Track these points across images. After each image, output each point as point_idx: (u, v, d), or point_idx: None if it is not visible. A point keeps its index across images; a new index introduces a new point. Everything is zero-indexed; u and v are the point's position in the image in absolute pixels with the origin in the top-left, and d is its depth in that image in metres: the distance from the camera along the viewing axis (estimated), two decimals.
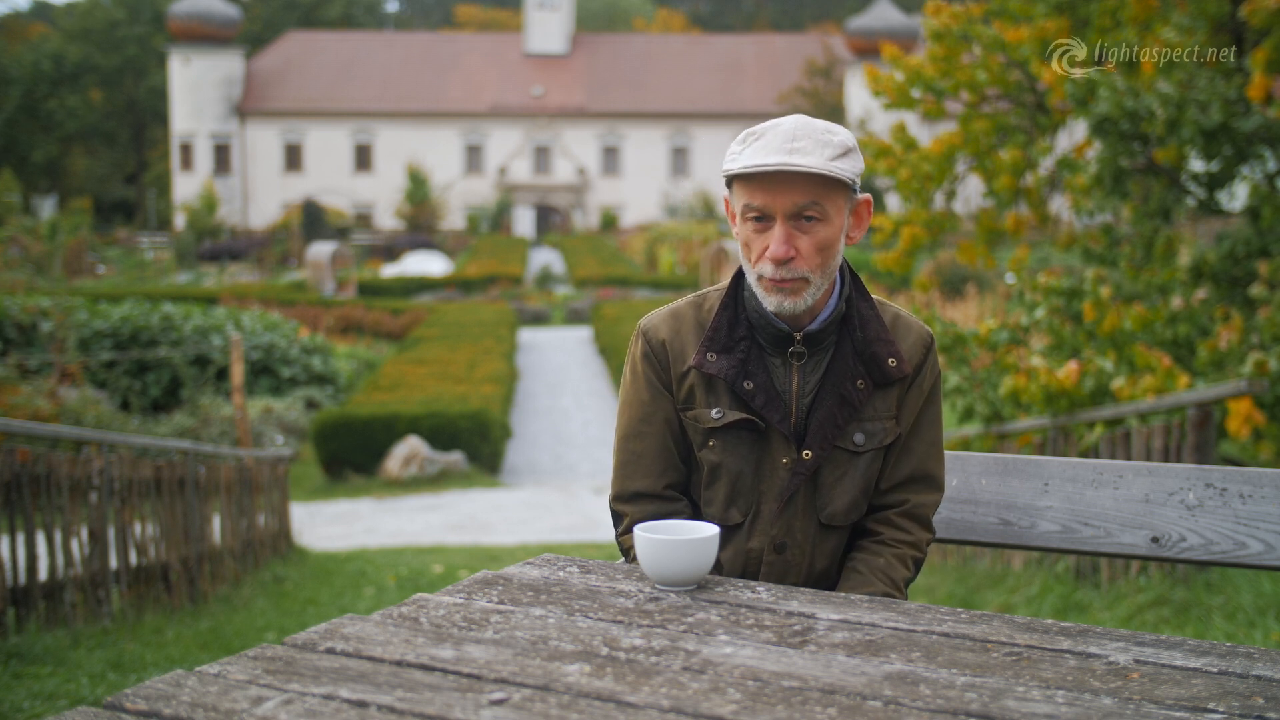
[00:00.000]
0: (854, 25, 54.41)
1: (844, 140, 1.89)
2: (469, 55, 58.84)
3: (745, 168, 1.86)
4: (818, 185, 1.87)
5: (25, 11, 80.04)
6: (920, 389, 2.02)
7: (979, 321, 17.67)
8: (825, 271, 1.92)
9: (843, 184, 1.89)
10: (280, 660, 1.38)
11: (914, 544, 2.02)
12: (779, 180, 1.86)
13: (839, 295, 1.99)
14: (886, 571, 1.98)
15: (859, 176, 1.91)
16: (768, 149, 1.86)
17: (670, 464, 2.03)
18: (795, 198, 1.86)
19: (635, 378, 2.05)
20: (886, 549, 2.00)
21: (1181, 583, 5.35)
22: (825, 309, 1.98)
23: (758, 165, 1.84)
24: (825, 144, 1.87)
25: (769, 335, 1.97)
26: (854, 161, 1.90)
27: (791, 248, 1.88)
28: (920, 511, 2.03)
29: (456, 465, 14.85)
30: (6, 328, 15.50)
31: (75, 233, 36.35)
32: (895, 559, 2.00)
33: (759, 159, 1.85)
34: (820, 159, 1.84)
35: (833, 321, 1.97)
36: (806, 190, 1.86)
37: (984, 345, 8.19)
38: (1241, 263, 7.94)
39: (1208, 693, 1.35)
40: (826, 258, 1.91)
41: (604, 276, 34.15)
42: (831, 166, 1.84)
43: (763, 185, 1.87)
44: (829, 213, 1.89)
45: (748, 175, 1.88)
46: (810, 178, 1.86)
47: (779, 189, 1.86)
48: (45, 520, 5.68)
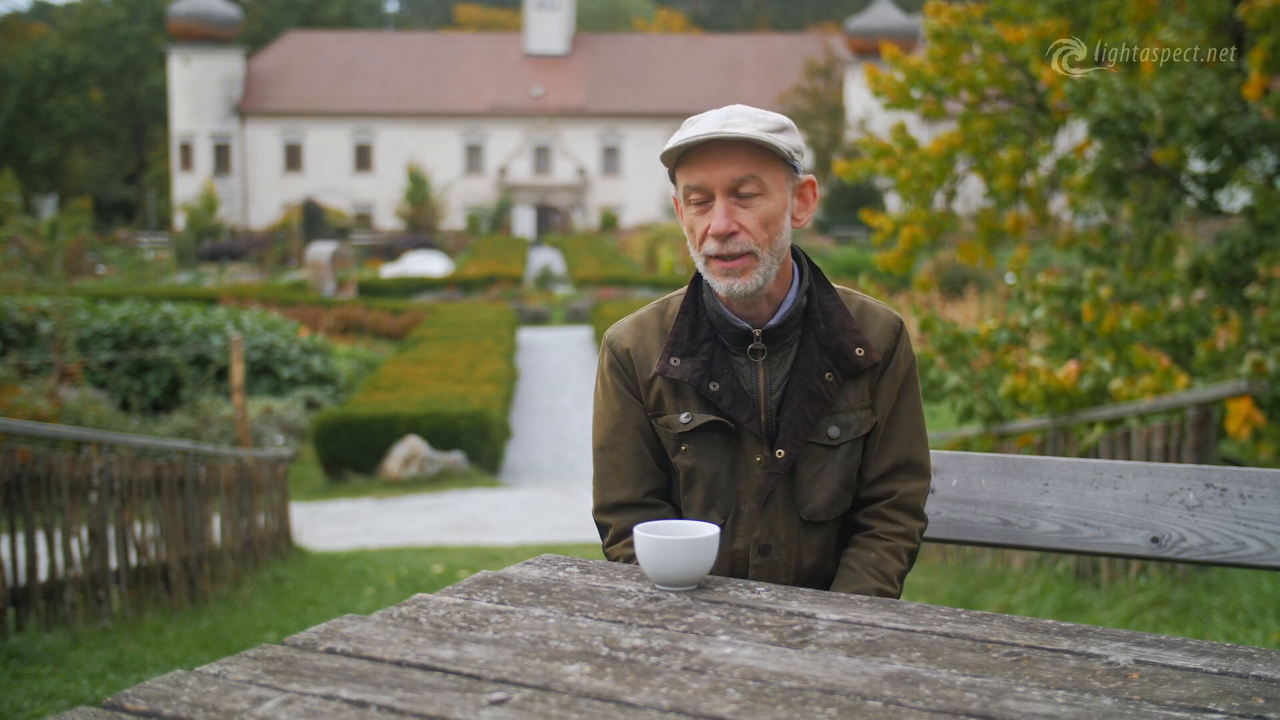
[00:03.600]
0: (854, 25, 54.43)
1: (779, 119, 1.90)
2: (469, 55, 58.84)
3: (677, 142, 1.88)
4: (754, 158, 1.87)
5: (25, 11, 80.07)
6: (894, 375, 2.00)
7: (979, 321, 17.67)
8: (772, 249, 1.91)
9: (780, 159, 1.89)
10: (280, 660, 1.38)
11: (906, 534, 2.01)
12: (714, 154, 1.87)
13: (798, 288, 1.98)
14: (879, 566, 1.97)
15: (798, 154, 1.91)
16: (703, 127, 1.88)
17: (648, 471, 2.03)
18: (732, 170, 1.87)
19: (605, 389, 2.05)
20: (878, 543, 2.00)
21: (1181, 583, 5.35)
22: (785, 303, 1.97)
23: (691, 137, 1.86)
24: (759, 119, 1.88)
25: (730, 335, 1.97)
26: (790, 137, 1.90)
27: (733, 222, 1.88)
28: (909, 501, 2.02)
29: (456, 465, 14.85)
30: (6, 328, 15.50)
31: (75, 233, 36.33)
32: (888, 552, 1.99)
33: (691, 133, 1.87)
34: (753, 129, 1.85)
35: (793, 315, 1.97)
36: (742, 163, 1.87)
37: (984, 345, 8.19)
38: (1240, 263, 7.94)
39: (1208, 693, 1.35)
40: (772, 234, 1.90)
41: (604, 276, 34.14)
42: (764, 135, 1.85)
43: (699, 163, 1.88)
44: (768, 186, 1.89)
45: (687, 158, 1.89)
46: (746, 150, 1.86)
47: (715, 163, 1.87)
48: (45, 520, 5.68)
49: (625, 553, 2.02)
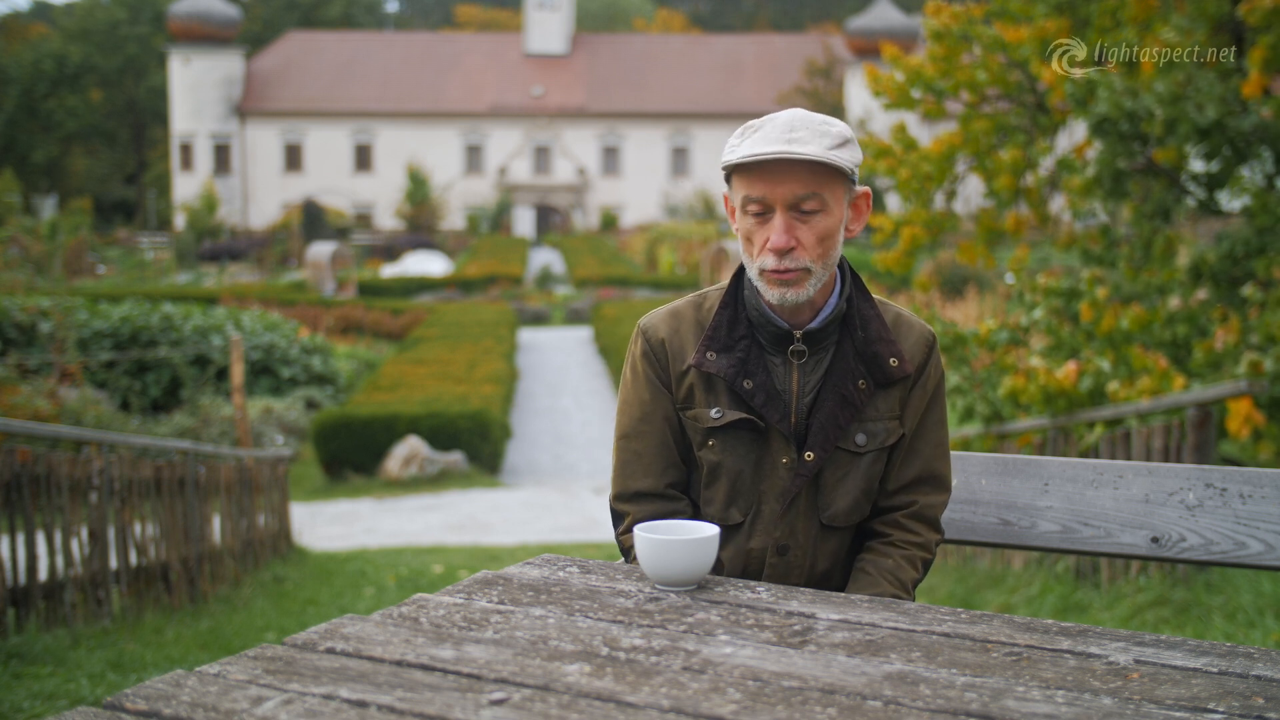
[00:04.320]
0: (854, 25, 54.41)
1: (842, 131, 1.90)
2: (469, 55, 58.84)
3: (744, 158, 1.87)
4: (817, 174, 1.87)
5: (25, 11, 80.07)
6: (924, 389, 2.01)
7: (979, 321, 17.66)
8: (826, 263, 1.92)
9: (841, 174, 1.90)
10: (280, 660, 1.38)
11: (923, 545, 2.02)
12: (778, 170, 1.87)
13: (839, 294, 1.99)
14: (895, 573, 1.97)
15: (858, 168, 1.92)
16: (766, 139, 1.86)
17: (671, 463, 2.03)
18: (794, 187, 1.87)
19: (635, 377, 2.05)
20: (895, 550, 2.00)
21: (1181, 583, 5.35)
22: (826, 307, 1.97)
23: (756, 154, 1.85)
24: (823, 134, 1.88)
25: (769, 334, 1.97)
26: (852, 152, 1.90)
27: (792, 238, 1.88)
28: (929, 513, 2.03)
29: (456, 465, 14.85)
30: (6, 328, 15.50)
31: (75, 233, 36.33)
32: (904, 560, 1.99)
33: (757, 149, 1.86)
34: (819, 147, 1.85)
35: (833, 320, 1.97)
36: (805, 180, 1.87)
37: (984, 345, 8.19)
38: (1240, 263, 7.94)
39: (1208, 693, 1.35)
40: (827, 248, 1.91)
41: (604, 276, 34.14)
42: (830, 155, 1.85)
43: (762, 176, 1.88)
44: (828, 203, 1.89)
45: (747, 167, 1.89)
46: (809, 167, 1.86)
47: (778, 179, 1.87)
48: (45, 520, 5.68)
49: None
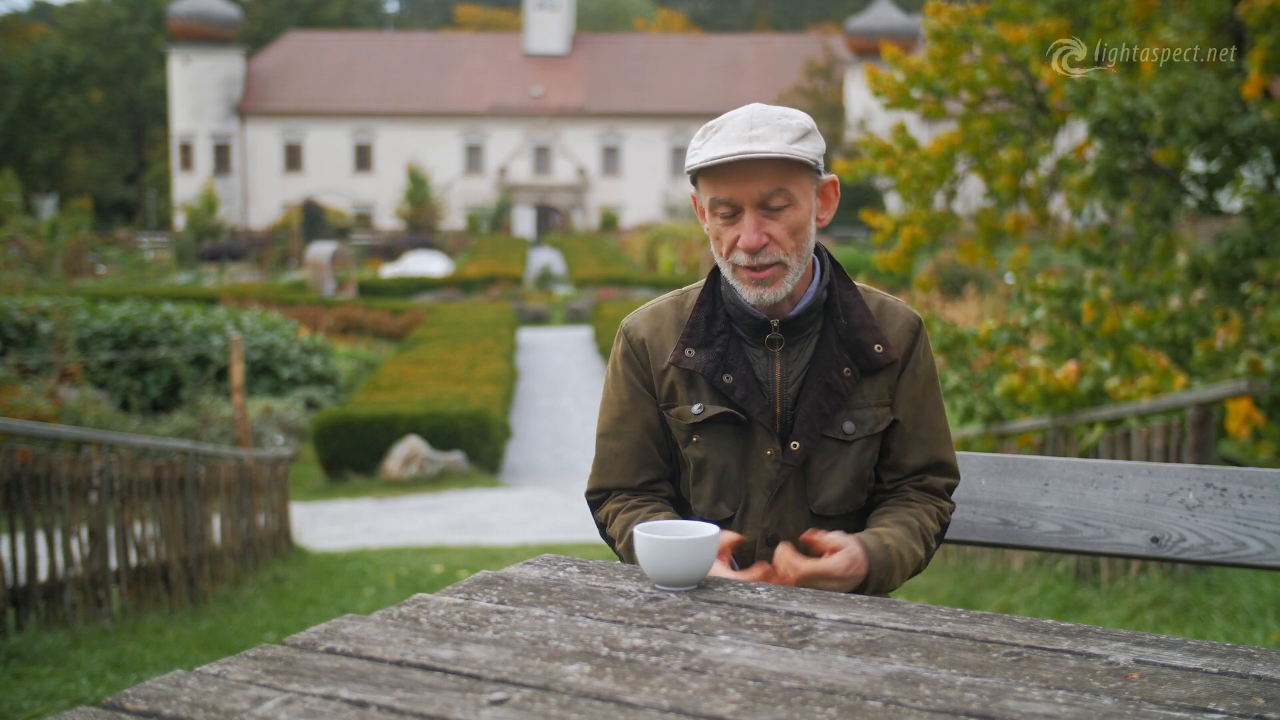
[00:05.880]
0: (854, 25, 54.43)
1: (802, 123, 1.90)
2: (469, 55, 58.84)
3: (707, 160, 1.87)
4: (781, 170, 1.88)
5: (25, 11, 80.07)
6: (914, 374, 2.01)
7: (979, 321, 17.67)
8: (800, 255, 1.92)
9: (806, 166, 1.90)
10: (280, 660, 1.38)
11: (939, 507, 2.03)
12: (742, 170, 1.88)
13: (819, 282, 1.99)
14: (917, 517, 1.98)
15: (821, 157, 1.92)
16: (727, 140, 1.87)
17: (647, 462, 2.05)
18: (760, 185, 1.88)
19: (615, 377, 2.07)
20: (914, 504, 2.01)
21: (1181, 583, 5.35)
22: (805, 296, 1.98)
23: (719, 156, 1.86)
24: (784, 128, 1.88)
25: (747, 326, 1.98)
26: (814, 143, 1.91)
27: (763, 235, 1.89)
28: (939, 485, 2.04)
29: (456, 465, 14.85)
30: (6, 328, 15.50)
31: (75, 233, 36.33)
32: (924, 512, 2.00)
33: (720, 150, 1.86)
34: (780, 143, 1.86)
35: (813, 308, 1.97)
36: (771, 177, 1.88)
37: (984, 345, 8.19)
38: (1240, 263, 7.94)
39: (1208, 693, 1.35)
40: (800, 241, 1.92)
41: (604, 276, 34.14)
42: (792, 149, 1.86)
43: (727, 177, 1.89)
44: (796, 197, 1.90)
45: (711, 169, 1.89)
46: (773, 163, 1.87)
47: (743, 178, 1.88)
48: (45, 520, 5.68)
49: (613, 515, 2.04)
